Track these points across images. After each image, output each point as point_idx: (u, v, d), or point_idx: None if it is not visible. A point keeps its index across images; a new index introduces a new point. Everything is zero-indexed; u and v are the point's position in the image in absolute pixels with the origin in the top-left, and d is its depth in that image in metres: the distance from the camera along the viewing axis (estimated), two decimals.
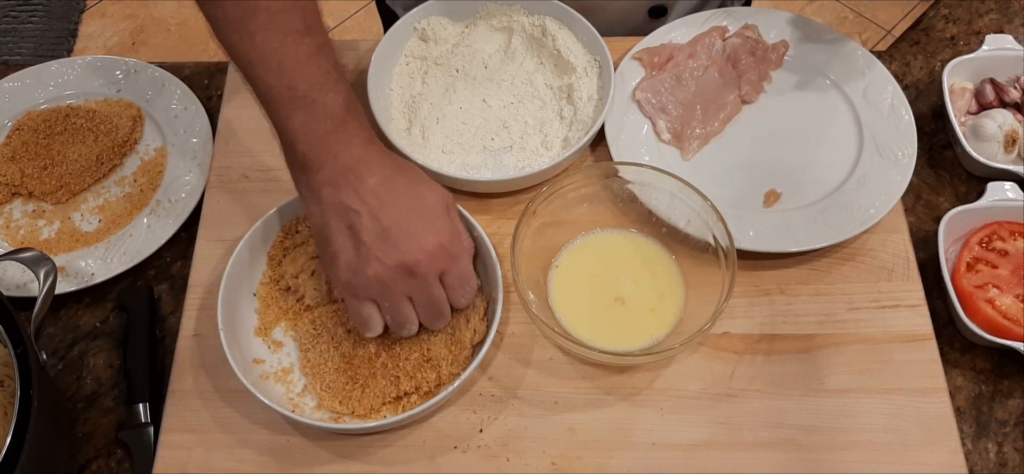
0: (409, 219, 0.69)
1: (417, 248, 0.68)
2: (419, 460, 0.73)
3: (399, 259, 0.68)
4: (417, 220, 0.69)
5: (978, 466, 0.75)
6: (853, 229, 0.81)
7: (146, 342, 0.80)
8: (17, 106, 0.96)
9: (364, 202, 0.68)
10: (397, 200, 0.69)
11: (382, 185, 0.69)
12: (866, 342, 0.78)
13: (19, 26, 2.36)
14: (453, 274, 0.71)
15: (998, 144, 0.88)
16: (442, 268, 0.70)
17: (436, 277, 0.70)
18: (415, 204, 0.70)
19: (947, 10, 1.05)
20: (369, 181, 0.69)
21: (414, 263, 0.68)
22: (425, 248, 0.69)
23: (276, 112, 0.70)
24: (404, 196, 0.70)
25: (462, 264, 0.72)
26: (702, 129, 0.90)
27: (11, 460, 0.62)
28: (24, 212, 0.89)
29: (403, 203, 0.69)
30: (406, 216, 0.69)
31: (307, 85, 0.68)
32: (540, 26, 0.93)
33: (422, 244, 0.69)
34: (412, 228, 0.69)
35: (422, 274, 0.69)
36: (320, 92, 0.69)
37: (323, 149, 0.69)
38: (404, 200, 0.69)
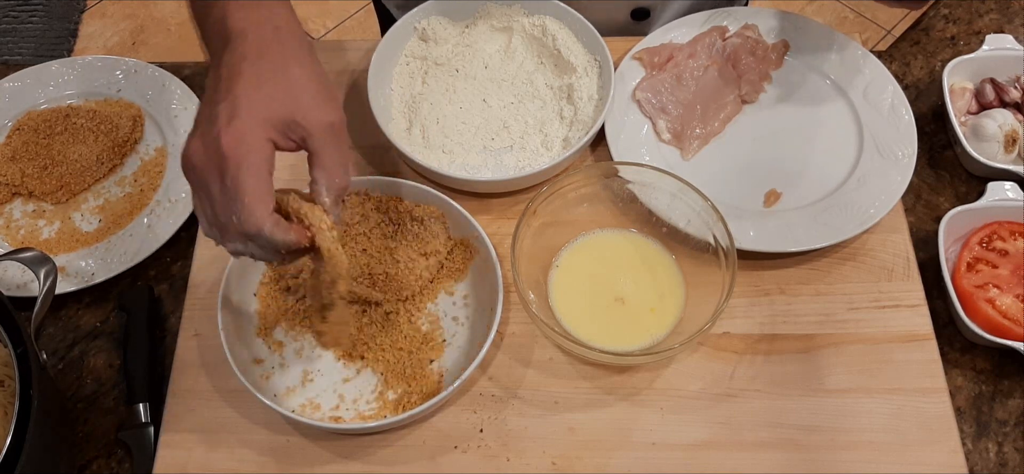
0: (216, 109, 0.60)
1: (196, 141, 0.60)
2: (419, 460, 0.73)
3: (183, 149, 0.61)
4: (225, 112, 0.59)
5: (978, 466, 0.75)
6: (853, 229, 0.81)
7: (146, 342, 0.80)
8: (17, 106, 0.96)
9: (215, 79, 0.62)
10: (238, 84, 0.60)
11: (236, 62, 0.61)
12: (866, 342, 0.78)
13: (19, 26, 2.36)
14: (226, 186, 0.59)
15: (998, 144, 0.88)
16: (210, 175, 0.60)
17: (205, 182, 0.60)
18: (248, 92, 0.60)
19: (947, 10, 1.05)
20: (223, 57, 0.62)
21: (185, 156, 0.61)
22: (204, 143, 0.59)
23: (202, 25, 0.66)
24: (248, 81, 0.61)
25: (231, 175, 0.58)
26: (702, 129, 0.90)
27: (11, 460, 0.62)
28: (24, 212, 0.89)
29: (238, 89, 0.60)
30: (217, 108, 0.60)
31: None
32: (540, 26, 0.93)
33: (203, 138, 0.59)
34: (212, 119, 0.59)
35: (189, 172, 0.61)
36: None
37: (210, 33, 0.64)
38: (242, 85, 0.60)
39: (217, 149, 0.58)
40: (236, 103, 0.59)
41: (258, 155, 0.59)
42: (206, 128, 0.60)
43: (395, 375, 0.75)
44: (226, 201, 0.59)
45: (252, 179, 0.58)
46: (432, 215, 0.81)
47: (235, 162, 0.58)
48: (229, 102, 0.59)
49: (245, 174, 0.58)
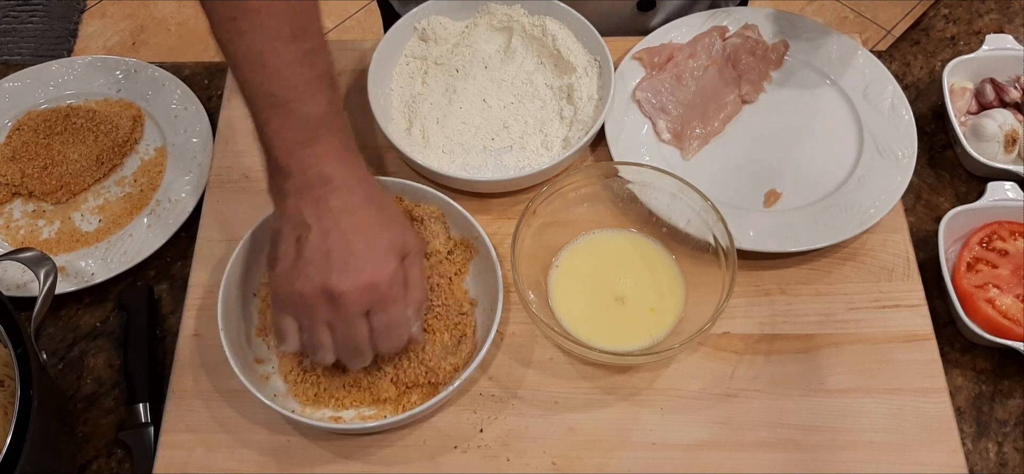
0: (355, 247, 0.67)
1: (349, 278, 0.66)
2: (419, 460, 0.73)
3: (326, 283, 0.66)
4: (363, 251, 0.67)
5: (978, 466, 0.75)
6: (853, 229, 0.81)
7: (146, 342, 0.80)
8: (17, 106, 0.96)
9: (319, 220, 0.67)
10: (352, 228, 0.67)
11: (343, 209, 0.67)
12: (866, 342, 0.78)
13: (19, 26, 2.36)
14: (380, 316, 0.68)
15: (998, 144, 0.88)
16: (369, 306, 0.67)
17: (360, 312, 0.67)
18: (370, 235, 0.68)
19: (947, 10, 1.05)
20: (332, 201, 0.67)
21: (339, 292, 0.66)
22: (357, 281, 0.66)
23: (256, 115, 0.69)
24: (361, 225, 0.68)
25: (392, 311, 0.68)
26: (702, 129, 0.90)
27: (11, 460, 0.62)
28: (24, 212, 0.89)
29: (356, 231, 0.67)
30: (353, 244, 0.67)
31: (286, 92, 0.67)
32: (540, 26, 0.93)
33: (356, 276, 0.66)
34: (353, 257, 0.66)
35: (344, 305, 0.66)
36: (298, 100, 0.67)
37: (293, 158, 0.68)
38: (359, 228, 0.67)
39: (377, 291, 0.67)
40: (377, 249, 0.67)
41: (407, 288, 0.70)
42: (345, 270, 0.66)
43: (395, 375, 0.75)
44: (382, 332, 0.69)
45: (405, 310, 0.70)
46: (432, 215, 0.81)
47: (394, 301, 0.68)
48: (370, 249, 0.67)
49: (401, 309, 0.69)
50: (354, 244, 0.67)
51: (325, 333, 0.68)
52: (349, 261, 0.66)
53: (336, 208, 0.67)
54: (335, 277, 0.66)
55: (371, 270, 0.66)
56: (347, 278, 0.66)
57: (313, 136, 0.68)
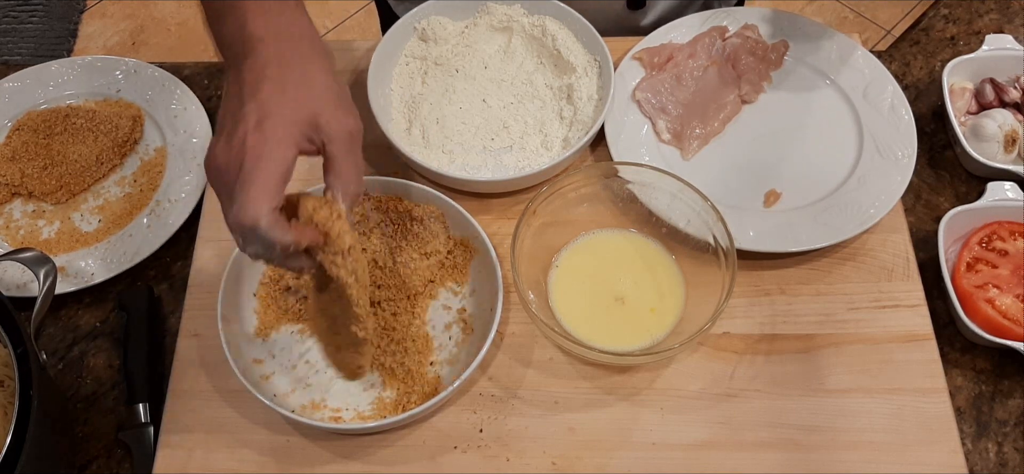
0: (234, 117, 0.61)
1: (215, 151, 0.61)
2: (419, 460, 0.73)
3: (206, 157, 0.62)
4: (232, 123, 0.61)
5: (978, 466, 0.75)
6: (853, 229, 0.81)
7: (146, 342, 0.80)
8: (17, 106, 0.96)
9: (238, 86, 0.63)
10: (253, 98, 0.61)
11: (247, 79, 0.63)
12: (866, 342, 0.78)
13: (19, 26, 2.36)
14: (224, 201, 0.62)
15: (998, 144, 0.88)
16: (218, 190, 0.62)
17: (225, 194, 0.61)
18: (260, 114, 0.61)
19: (947, 10, 1.05)
20: (244, 71, 0.63)
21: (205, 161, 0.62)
22: (213, 153, 0.61)
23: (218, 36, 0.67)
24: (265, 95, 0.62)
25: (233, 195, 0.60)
26: (702, 129, 0.90)
27: (11, 460, 0.62)
28: (24, 212, 0.89)
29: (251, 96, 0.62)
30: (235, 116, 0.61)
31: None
32: (540, 26, 0.93)
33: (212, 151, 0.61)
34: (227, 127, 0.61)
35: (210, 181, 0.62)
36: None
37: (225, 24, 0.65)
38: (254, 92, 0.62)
39: (242, 148, 0.60)
40: (264, 106, 0.61)
41: (280, 153, 0.60)
42: (231, 129, 0.61)
43: (395, 375, 0.75)
44: (236, 194, 0.60)
45: (262, 174, 0.59)
46: (432, 215, 0.81)
47: (254, 158, 0.59)
48: (256, 104, 0.61)
49: (257, 170, 0.59)
50: (249, 104, 0.61)
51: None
52: (238, 120, 0.61)
53: (248, 68, 0.63)
54: (221, 143, 0.61)
55: (252, 128, 0.60)
56: (227, 141, 0.61)
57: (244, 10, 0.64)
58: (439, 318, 0.79)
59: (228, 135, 0.61)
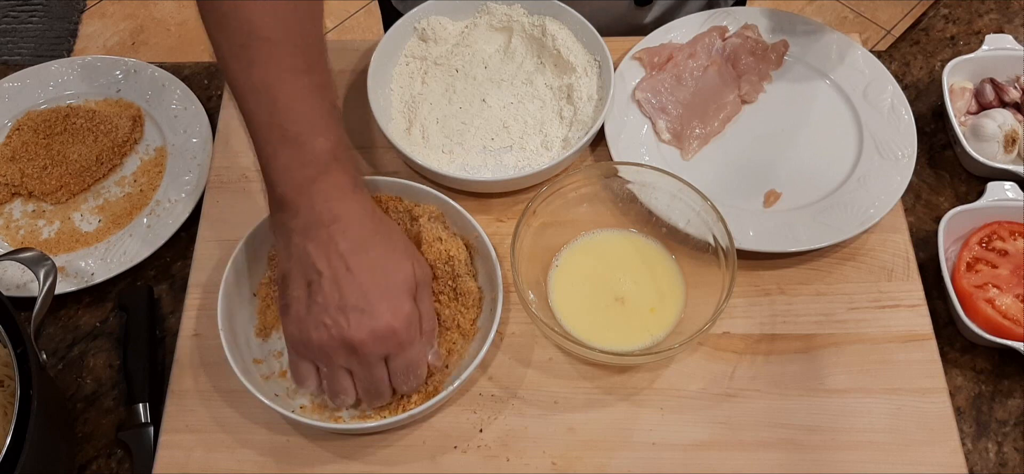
0: (368, 294, 0.66)
1: (365, 328, 0.66)
2: (419, 460, 0.73)
3: (343, 334, 0.66)
4: (376, 297, 0.67)
5: (978, 466, 0.75)
6: (853, 229, 0.81)
7: (146, 342, 0.80)
8: (17, 106, 0.96)
9: (329, 264, 0.66)
10: (362, 272, 0.67)
11: (352, 250, 0.67)
12: (866, 342, 0.78)
13: (19, 26, 2.36)
14: (399, 360, 0.69)
15: (998, 144, 0.88)
16: (387, 352, 0.68)
17: (379, 359, 0.68)
18: (380, 278, 0.67)
19: (947, 10, 1.05)
20: (341, 243, 0.67)
21: (358, 342, 0.66)
22: (373, 329, 0.66)
23: (262, 148, 0.68)
24: (371, 269, 0.67)
25: (411, 351, 0.69)
26: (702, 129, 0.90)
27: (11, 460, 0.62)
28: (24, 212, 0.89)
29: (367, 275, 0.67)
30: (366, 290, 0.66)
31: (297, 126, 0.67)
32: (540, 26, 0.93)
33: (372, 324, 0.66)
34: (368, 305, 0.66)
35: (364, 354, 0.67)
36: (309, 135, 0.67)
37: (301, 195, 0.67)
38: (369, 272, 0.67)
39: (394, 336, 0.67)
40: (392, 291, 0.68)
41: (419, 328, 0.70)
42: (360, 317, 0.66)
43: None
44: (400, 374, 0.70)
45: (423, 351, 0.71)
46: (432, 214, 0.81)
47: (411, 343, 0.69)
48: (382, 293, 0.67)
49: (418, 349, 0.70)
50: (367, 288, 0.66)
51: (345, 378, 0.69)
52: (364, 308, 0.66)
53: (345, 250, 0.67)
54: (353, 327, 0.66)
55: (388, 315, 0.66)
56: (364, 326, 0.66)
57: (323, 171, 0.67)
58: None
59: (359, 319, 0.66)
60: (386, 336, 0.67)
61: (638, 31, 0.97)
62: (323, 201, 0.67)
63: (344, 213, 0.68)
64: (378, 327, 0.66)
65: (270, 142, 0.68)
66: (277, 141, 0.67)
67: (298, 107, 0.67)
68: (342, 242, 0.67)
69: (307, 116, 0.67)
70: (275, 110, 0.67)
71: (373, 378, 0.69)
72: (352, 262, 0.67)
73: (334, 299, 0.66)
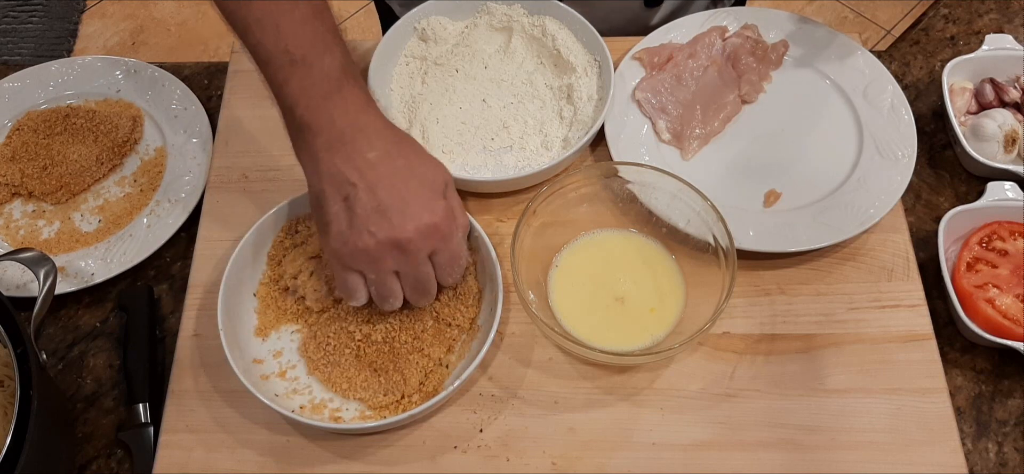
0: (404, 195, 0.69)
1: (410, 226, 0.68)
2: (419, 460, 0.73)
3: (390, 235, 0.68)
4: (412, 197, 0.69)
5: (978, 466, 0.75)
6: (853, 229, 0.81)
7: (146, 342, 0.80)
8: (17, 106, 0.96)
9: (362, 175, 0.68)
10: (394, 175, 0.69)
11: (380, 159, 0.69)
12: (866, 342, 0.78)
13: (19, 26, 2.36)
14: (443, 253, 0.72)
15: (998, 144, 0.88)
16: (433, 247, 0.71)
17: (425, 255, 0.71)
18: (412, 180, 0.70)
19: (947, 10, 1.05)
20: (368, 153, 0.69)
21: (405, 240, 0.68)
22: (418, 226, 0.69)
23: (273, 75, 0.70)
24: (401, 171, 0.70)
25: (453, 243, 0.72)
26: (702, 129, 0.90)
27: (11, 460, 0.62)
28: (24, 212, 0.89)
29: (399, 178, 0.69)
30: (402, 192, 0.69)
31: (303, 48, 0.68)
32: (540, 26, 0.93)
33: (415, 222, 0.69)
34: (406, 205, 0.69)
35: (412, 251, 0.69)
36: (317, 55, 0.68)
37: (320, 113, 0.69)
38: (401, 175, 0.69)
39: (437, 230, 0.70)
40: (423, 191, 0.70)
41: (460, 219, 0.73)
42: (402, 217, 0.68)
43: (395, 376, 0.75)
44: (446, 267, 0.73)
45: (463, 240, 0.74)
46: None
47: (452, 235, 0.72)
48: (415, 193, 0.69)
49: (460, 239, 0.73)
50: (403, 191, 0.69)
51: (394, 281, 0.71)
52: (404, 210, 0.68)
53: (374, 159, 0.69)
54: (397, 226, 0.68)
55: (427, 213, 0.69)
56: (409, 225, 0.68)
57: (337, 87, 0.69)
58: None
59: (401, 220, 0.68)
60: (430, 231, 0.69)
61: (647, 31, 0.97)
62: (342, 115, 0.69)
63: (366, 124, 0.70)
64: (422, 223, 0.69)
65: (281, 68, 0.69)
66: (287, 66, 0.69)
67: (300, 31, 0.69)
68: (369, 151, 0.69)
69: (310, 38, 0.69)
70: (279, 36, 0.69)
71: (420, 274, 0.71)
72: (382, 169, 0.69)
73: (373, 205, 0.68)
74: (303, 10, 0.69)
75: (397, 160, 0.70)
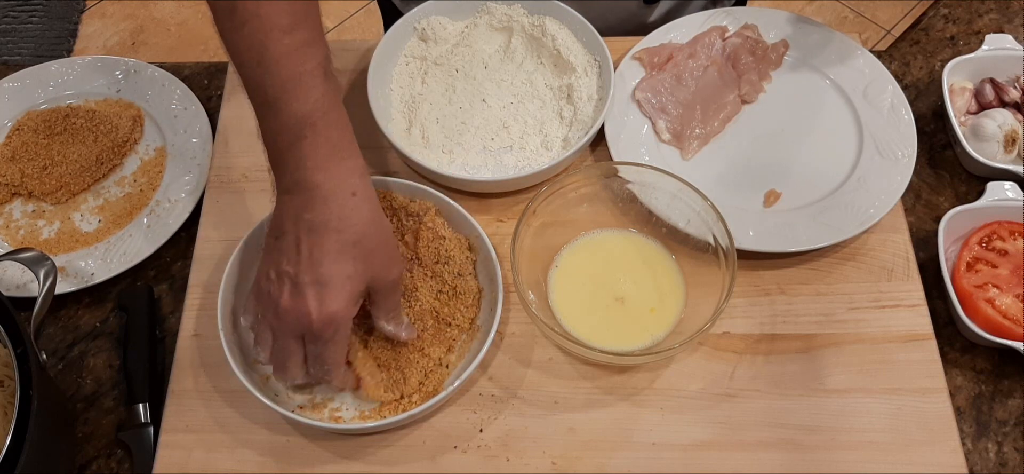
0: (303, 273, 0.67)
1: (293, 299, 0.67)
2: (419, 460, 0.73)
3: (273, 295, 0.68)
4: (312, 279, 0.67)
5: (978, 466, 0.75)
6: (853, 229, 0.81)
7: (146, 342, 0.80)
8: (17, 106, 0.96)
9: (295, 228, 0.67)
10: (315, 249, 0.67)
11: (313, 228, 0.67)
12: (866, 342, 0.78)
13: (19, 26, 2.36)
14: (311, 348, 0.69)
15: (998, 144, 0.88)
16: (302, 333, 0.68)
17: (295, 336, 0.69)
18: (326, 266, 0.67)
19: (947, 10, 1.05)
20: (306, 214, 0.67)
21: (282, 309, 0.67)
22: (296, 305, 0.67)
23: (256, 110, 0.70)
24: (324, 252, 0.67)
25: (323, 350, 0.69)
26: (702, 129, 0.90)
27: (11, 460, 0.62)
28: (24, 212, 0.89)
29: (319, 257, 0.67)
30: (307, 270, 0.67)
31: (276, 89, 0.67)
32: (540, 26, 0.93)
33: (298, 300, 0.67)
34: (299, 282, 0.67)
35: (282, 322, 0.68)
36: (287, 98, 0.67)
37: (280, 161, 0.68)
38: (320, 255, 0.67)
39: (308, 324, 0.67)
40: (326, 283, 0.66)
41: (344, 332, 0.69)
42: (293, 291, 0.67)
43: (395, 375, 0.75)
44: (312, 363, 0.70)
45: (340, 355, 0.70)
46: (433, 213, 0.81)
47: (326, 342, 0.68)
48: (318, 280, 0.66)
49: (334, 353, 0.69)
50: (304, 268, 0.67)
51: (266, 334, 0.70)
52: (297, 282, 0.67)
53: (308, 222, 0.67)
54: (286, 294, 0.67)
55: (313, 301, 0.66)
56: (292, 298, 0.67)
57: (298, 137, 0.67)
58: None
59: (292, 295, 0.67)
60: (302, 317, 0.67)
61: (645, 29, 0.97)
62: (297, 168, 0.67)
63: (319, 184, 0.67)
64: (301, 305, 0.67)
65: (257, 106, 0.69)
66: (261, 105, 0.68)
67: (278, 69, 0.67)
68: (307, 213, 0.67)
69: (285, 78, 0.67)
70: (259, 72, 0.67)
71: (283, 347, 0.69)
72: (308, 238, 0.67)
73: (281, 262, 0.67)
74: (286, 45, 0.66)
75: (329, 239, 0.67)
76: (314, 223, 0.67)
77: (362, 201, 0.69)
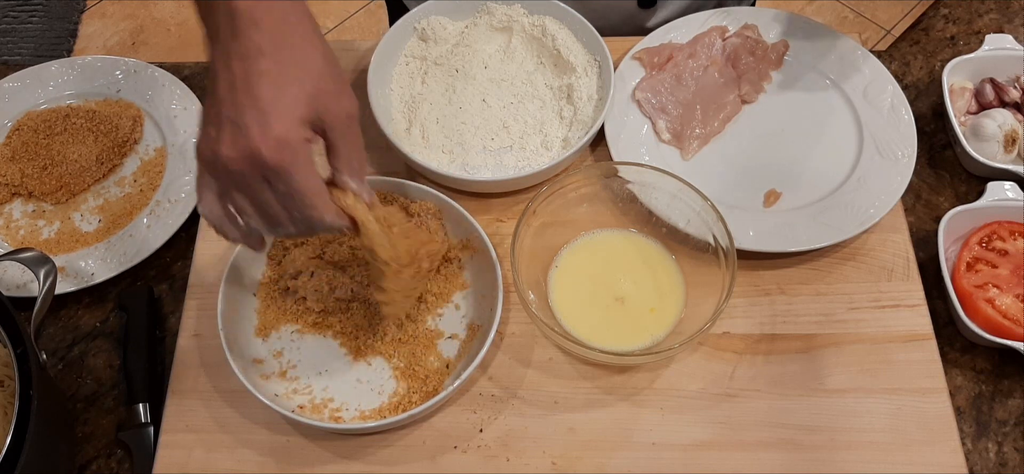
0: (244, 108, 0.59)
1: (235, 144, 0.59)
2: (419, 460, 0.73)
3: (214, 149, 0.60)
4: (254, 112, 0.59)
5: (978, 466, 0.75)
6: (853, 229, 0.81)
7: (146, 342, 0.80)
8: (17, 106, 0.96)
9: (226, 70, 0.60)
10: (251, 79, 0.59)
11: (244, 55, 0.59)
12: (866, 342, 0.78)
13: (19, 26, 2.36)
14: (279, 186, 0.61)
15: (998, 144, 0.88)
16: (261, 175, 0.60)
17: (259, 181, 0.60)
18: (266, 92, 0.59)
19: (947, 10, 1.05)
20: (233, 45, 0.60)
21: (225, 159, 0.59)
22: (240, 147, 0.59)
23: None
24: (258, 79, 0.59)
25: (290, 181, 0.60)
26: (702, 129, 0.90)
27: (11, 460, 0.62)
28: (24, 212, 0.89)
29: (251, 89, 0.59)
30: (244, 103, 0.59)
31: None
32: (540, 26, 0.93)
33: (242, 141, 0.59)
34: (242, 118, 0.59)
35: (236, 174, 0.60)
36: None
37: (209, 11, 0.61)
38: (255, 84, 0.59)
39: (259, 158, 0.59)
40: (266, 109, 0.59)
41: (304, 156, 0.60)
42: (234, 132, 0.59)
43: (395, 374, 0.75)
44: (287, 203, 0.61)
45: (311, 180, 0.61)
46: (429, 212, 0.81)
47: (286, 170, 0.59)
48: (257, 108, 0.59)
49: (301, 179, 0.60)
50: (245, 100, 0.59)
51: (239, 199, 0.63)
52: (237, 121, 0.59)
53: (239, 51, 0.59)
54: (227, 139, 0.59)
55: (256, 129, 0.58)
56: (234, 138, 0.59)
57: None
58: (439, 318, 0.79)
59: (233, 137, 0.59)
60: (250, 154, 0.59)
61: (642, 33, 0.97)
62: (224, 5, 0.60)
63: (245, 10, 0.60)
64: (244, 144, 0.58)
65: None
66: None
67: None
68: (235, 43, 0.60)
69: None
70: None
71: (259, 201, 0.61)
72: (237, 67, 0.59)
73: (219, 110, 0.60)
74: None
75: (264, 60, 0.59)
76: (246, 50, 0.59)
77: (298, 22, 0.62)
